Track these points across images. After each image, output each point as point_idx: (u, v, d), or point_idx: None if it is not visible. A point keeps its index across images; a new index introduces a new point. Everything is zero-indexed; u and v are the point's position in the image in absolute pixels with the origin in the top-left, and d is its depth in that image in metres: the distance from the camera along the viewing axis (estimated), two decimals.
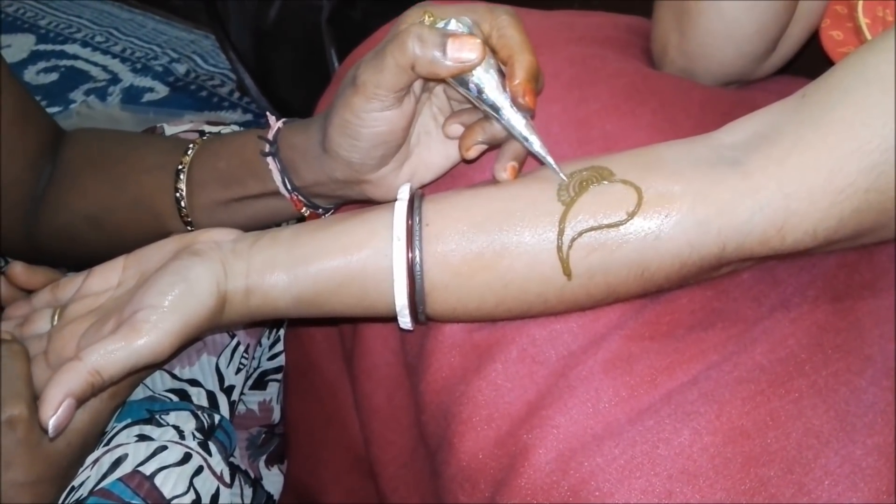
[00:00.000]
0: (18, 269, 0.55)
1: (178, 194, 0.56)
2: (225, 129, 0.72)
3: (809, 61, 0.61)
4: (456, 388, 0.45)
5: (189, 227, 0.57)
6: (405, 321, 0.45)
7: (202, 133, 0.71)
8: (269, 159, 0.52)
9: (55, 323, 0.51)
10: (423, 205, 0.45)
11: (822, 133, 0.39)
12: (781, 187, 0.39)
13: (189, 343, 0.46)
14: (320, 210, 0.55)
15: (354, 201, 0.53)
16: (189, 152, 0.57)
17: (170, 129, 0.72)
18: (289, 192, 0.53)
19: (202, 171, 0.56)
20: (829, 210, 0.38)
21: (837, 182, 0.38)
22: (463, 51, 0.42)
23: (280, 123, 0.53)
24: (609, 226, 0.41)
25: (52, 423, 0.41)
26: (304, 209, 0.54)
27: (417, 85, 0.46)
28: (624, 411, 0.41)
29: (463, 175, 0.51)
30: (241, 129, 0.73)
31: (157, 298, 0.43)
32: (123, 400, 0.52)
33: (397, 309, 0.44)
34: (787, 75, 0.63)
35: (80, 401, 0.42)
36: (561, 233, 0.41)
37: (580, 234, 0.41)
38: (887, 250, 0.44)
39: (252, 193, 0.54)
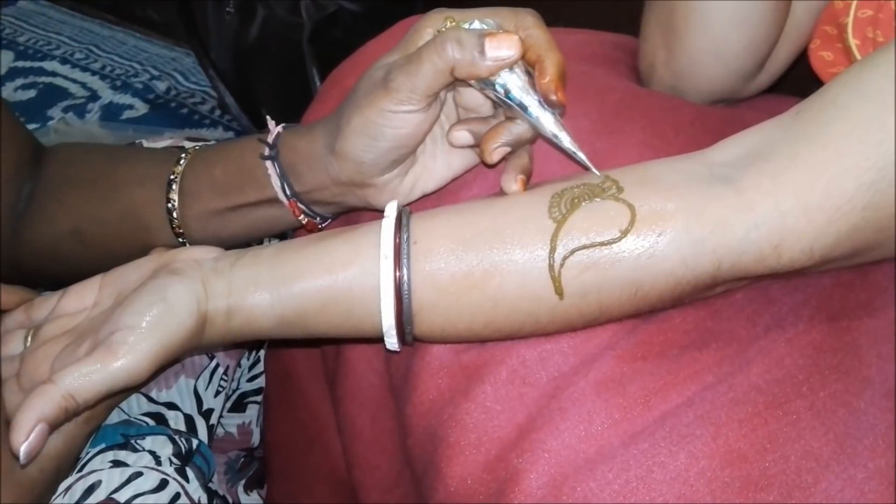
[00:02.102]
0: None
1: (169, 205, 0.55)
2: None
3: (797, 81, 0.61)
4: (443, 410, 0.44)
5: (180, 240, 0.56)
6: (392, 342, 0.44)
7: (183, 149, 0.70)
8: (269, 163, 0.51)
9: (28, 344, 0.49)
10: (410, 222, 0.44)
11: (818, 150, 0.38)
12: (777, 205, 0.38)
13: (168, 365, 0.44)
14: (318, 219, 0.54)
15: (354, 209, 0.53)
16: (181, 161, 0.56)
17: (149, 146, 0.71)
18: (287, 197, 0.52)
19: (196, 179, 0.55)
20: (826, 228, 0.38)
21: (834, 199, 0.37)
22: (501, 49, 0.43)
23: (280, 128, 0.53)
24: (602, 244, 0.40)
25: (23, 450, 0.40)
26: (301, 216, 0.53)
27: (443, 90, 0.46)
28: (617, 434, 0.40)
29: (449, 192, 0.51)
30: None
31: (135, 319, 0.42)
32: (99, 424, 0.50)
33: (384, 329, 0.43)
34: (776, 94, 0.63)
35: (53, 426, 0.41)
36: (552, 251, 0.40)
37: (572, 252, 0.40)
38: (883, 269, 0.43)
39: (249, 201, 0.53)
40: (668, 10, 0.56)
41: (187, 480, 0.52)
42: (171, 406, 0.58)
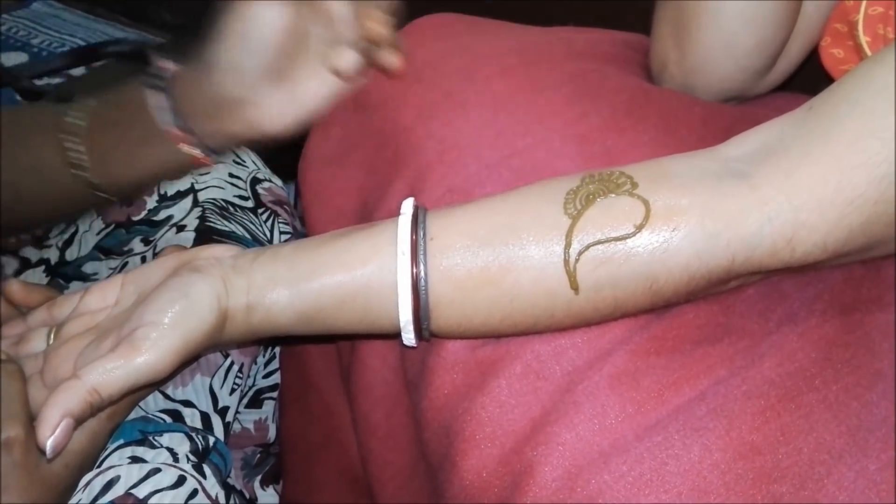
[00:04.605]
0: (15, 287, 0.54)
1: (67, 144, 0.56)
2: None
3: (808, 79, 0.61)
4: (459, 405, 0.44)
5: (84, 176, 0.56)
6: (409, 338, 0.44)
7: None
8: (158, 94, 0.54)
9: (51, 342, 0.50)
10: (427, 219, 0.44)
11: (831, 145, 0.38)
12: (790, 199, 0.39)
13: (189, 361, 0.45)
14: (210, 154, 0.56)
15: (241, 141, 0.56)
16: (73, 108, 0.57)
17: None
18: (174, 126, 0.54)
19: (92, 120, 0.56)
20: (839, 222, 0.38)
21: (847, 194, 0.38)
22: None
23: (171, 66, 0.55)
24: (616, 239, 0.40)
25: (50, 444, 0.40)
26: (187, 147, 0.55)
27: None
28: (631, 427, 0.40)
29: (463, 190, 0.51)
30: None
31: (157, 315, 0.43)
32: (122, 420, 0.51)
33: (401, 325, 0.44)
34: (787, 92, 0.63)
35: (79, 421, 0.41)
36: (568, 246, 0.41)
37: (587, 247, 0.40)
38: (894, 265, 0.43)
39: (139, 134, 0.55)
40: (679, 8, 0.56)
41: (204, 477, 0.52)
42: (188, 404, 0.58)
